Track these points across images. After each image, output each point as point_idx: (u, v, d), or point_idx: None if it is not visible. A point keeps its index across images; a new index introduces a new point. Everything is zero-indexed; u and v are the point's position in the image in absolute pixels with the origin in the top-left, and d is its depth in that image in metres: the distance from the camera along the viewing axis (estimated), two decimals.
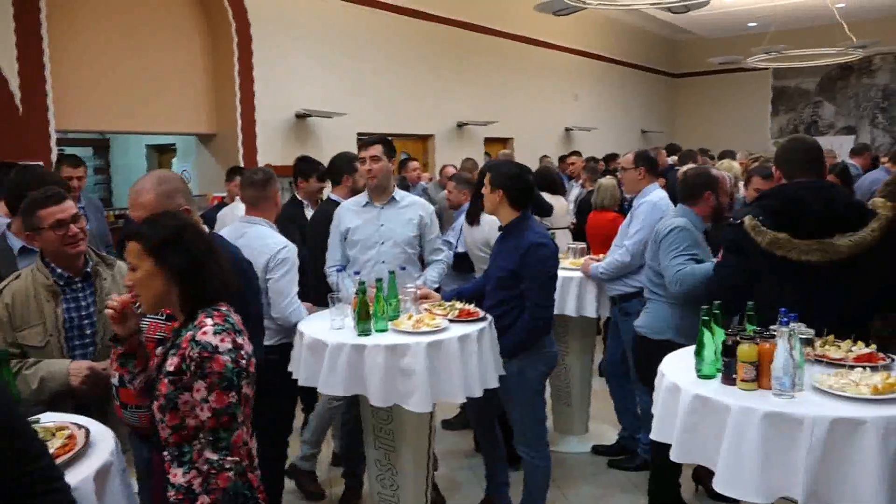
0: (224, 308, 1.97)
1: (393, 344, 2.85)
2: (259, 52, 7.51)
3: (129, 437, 2.54)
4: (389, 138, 3.86)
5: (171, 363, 1.88)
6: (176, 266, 1.92)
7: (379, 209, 3.74)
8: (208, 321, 1.88)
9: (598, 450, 4.44)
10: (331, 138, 8.30)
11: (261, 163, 7.23)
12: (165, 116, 7.11)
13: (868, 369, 2.26)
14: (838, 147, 11.07)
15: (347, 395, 2.98)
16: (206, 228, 2.53)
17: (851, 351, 2.42)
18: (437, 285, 3.71)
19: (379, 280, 3.06)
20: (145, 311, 2.10)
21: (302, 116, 8.00)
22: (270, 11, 7.66)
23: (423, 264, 3.88)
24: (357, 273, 3.40)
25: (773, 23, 13.47)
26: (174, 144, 9.19)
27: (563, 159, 10.74)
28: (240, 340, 1.90)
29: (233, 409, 1.82)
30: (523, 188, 3.30)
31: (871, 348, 2.43)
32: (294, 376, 3.12)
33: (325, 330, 3.04)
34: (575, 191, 7.97)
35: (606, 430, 4.68)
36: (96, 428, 2.11)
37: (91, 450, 1.99)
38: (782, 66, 14.91)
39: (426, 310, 3.19)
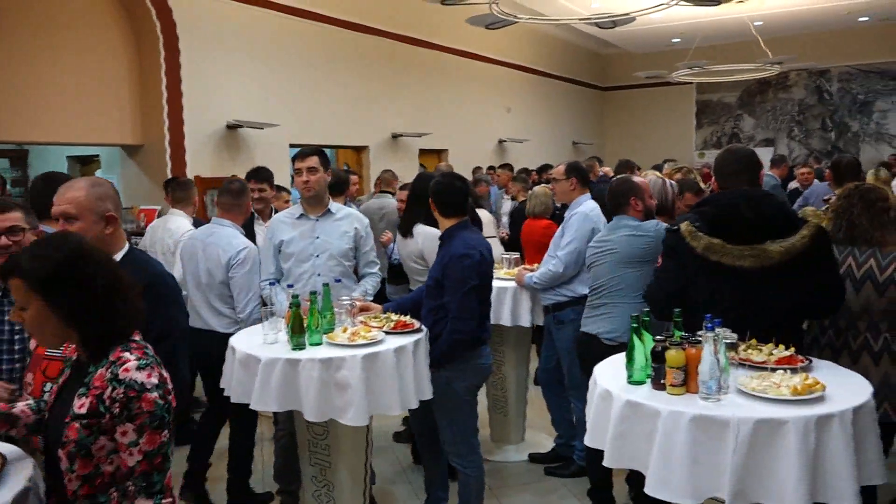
0: (139, 338, 1.80)
1: (328, 357, 2.82)
2: (188, 61, 7.35)
3: None
4: (324, 150, 3.84)
5: (80, 405, 1.69)
6: (68, 306, 1.69)
7: (314, 221, 3.70)
8: (128, 356, 1.71)
9: (534, 458, 4.48)
10: (263, 149, 8.18)
11: (190, 174, 7.06)
12: (88, 127, 6.86)
13: (788, 371, 2.36)
14: None
15: (282, 410, 2.92)
16: (126, 246, 2.44)
17: (773, 354, 2.51)
18: (371, 297, 3.69)
19: (313, 293, 3.02)
20: (45, 348, 1.99)
21: (233, 127, 7.85)
22: (199, 20, 7.51)
23: (358, 277, 3.86)
24: (291, 286, 3.35)
25: (696, 39, 14.01)
26: (97, 156, 8.89)
27: (491, 170, 10.94)
28: (164, 374, 1.75)
29: (165, 449, 1.70)
30: (450, 197, 3.28)
31: (791, 351, 2.53)
32: (226, 393, 3.04)
33: (257, 345, 2.98)
34: (508, 202, 8.07)
35: (542, 438, 4.73)
36: (13, 453, 2.01)
37: (7, 476, 1.89)
38: (705, 81, 15.48)
39: (362, 322, 3.16)
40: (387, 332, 3.06)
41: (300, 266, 3.65)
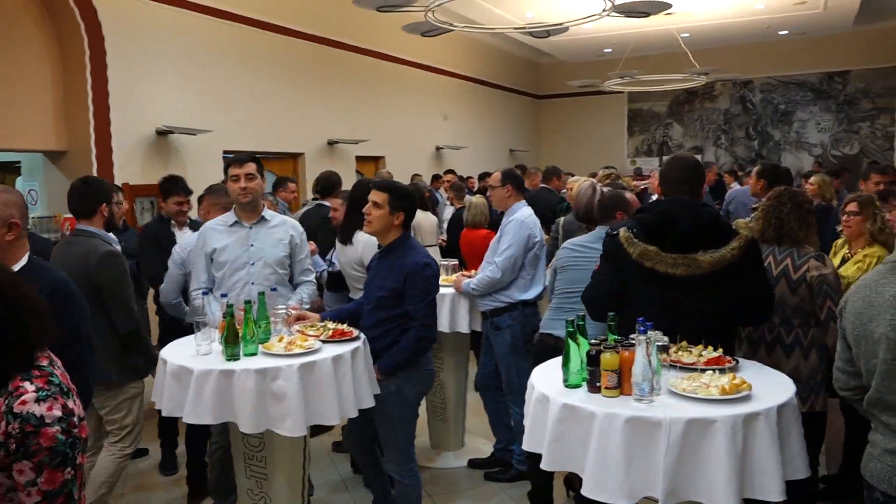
0: (45, 363, 1.63)
1: (263, 367, 2.77)
2: (115, 64, 7.11)
3: None
4: (258, 156, 3.78)
5: None
6: None
7: (248, 229, 3.63)
8: (28, 386, 1.54)
9: (474, 463, 4.50)
10: (195, 156, 7.98)
11: (118, 181, 6.82)
12: (6, 131, 6.56)
13: (717, 372, 2.44)
14: None
15: (216, 423, 2.85)
16: (27, 255, 2.37)
17: (702, 355, 2.60)
18: (308, 305, 3.65)
19: (248, 302, 2.96)
20: None
21: (163, 133, 7.63)
22: (128, 22, 7.29)
23: (293, 285, 3.80)
24: (224, 296, 3.28)
25: (627, 49, 14.38)
26: (18, 162, 8.50)
27: (437, 178, 10.97)
28: (70, 404, 1.58)
29: (69, 487, 1.55)
30: (415, 210, 3.37)
31: (720, 352, 2.62)
32: (157, 406, 2.96)
33: (189, 356, 2.90)
34: (449, 209, 8.11)
35: (482, 444, 4.75)
36: None
37: None
38: (636, 90, 15.91)
39: (298, 331, 3.12)
40: (324, 341, 3.03)
41: (234, 274, 3.57)
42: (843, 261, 3.89)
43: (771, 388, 2.42)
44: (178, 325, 4.01)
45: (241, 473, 3.09)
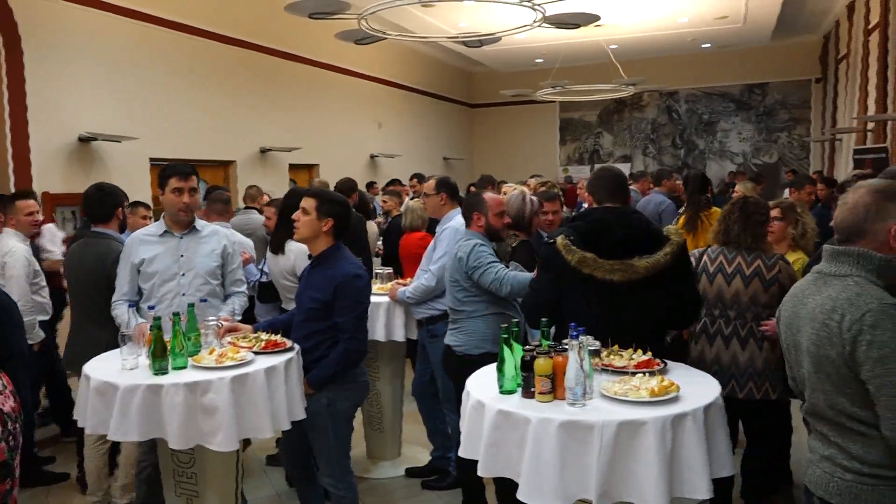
0: None
1: (193, 381, 2.69)
2: (33, 69, 6.82)
3: None
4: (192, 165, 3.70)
5: None
6: None
7: (178, 239, 3.54)
8: None
9: (411, 472, 4.48)
10: (120, 164, 7.73)
11: (37, 190, 6.54)
12: None
13: (646, 374, 2.50)
14: None
15: (143, 440, 2.76)
16: None
17: (632, 359, 2.66)
18: (240, 317, 3.57)
19: (176, 314, 2.88)
20: None
21: (85, 140, 7.36)
22: (47, 25, 7.01)
23: (225, 296, 3.72)
24: (152, 308, 3.17)
25: (558, 60, 14.67)
26: None
27: (372, 185, 10.93)
28: (5, 408, 1.54)
29: (5, 499, 1.53)
30: (348, 219, 3.30)
31: (649, 355, 2.69)
32: (80, 424, 2.84)
33: (115, 371, 2.80)
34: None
35: (419, 452, 4.74)
36: None
37: None
38: (567, 100, 16.23)
39: (230, 343, 3.05)
40: (256, 353, 2.97)
41: (164, 285, 3.48)
42: None
43: (698, 388, 2.49)
44: None
45: (171, 491, 3.00)
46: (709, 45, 15.66)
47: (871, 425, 1.84)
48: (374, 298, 4.25)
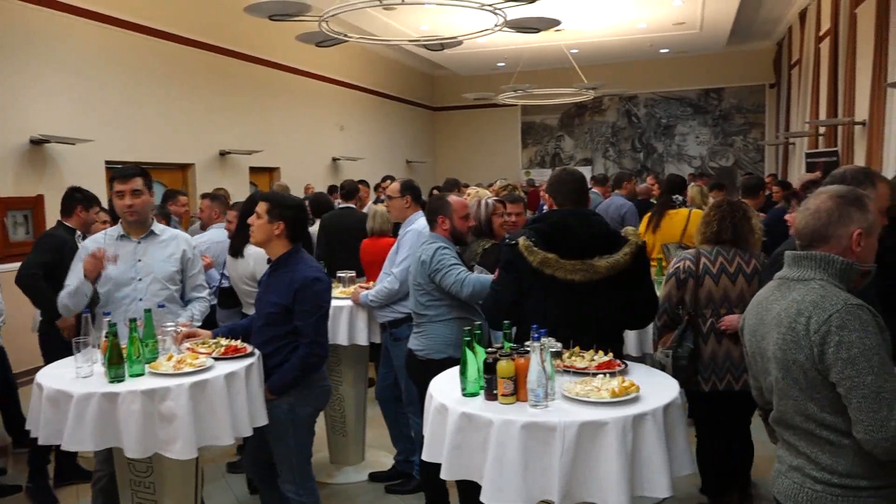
0: None
1: (151, 388, 2.64)
2: None
3: None
4: (145, 168, 3.62)
5: None
6: None
7: (136, 243, 3.47)
8: None
9: (374, 477, 4.46)
10: (74, 167, 7.56)
11: None
12: None
13: (607, 375, 2.53)
14: None
15: (98, 449, 2.69)
16: None
17: (593, 360, 2.68)
18: (199, 322, 3.51)
19: (132, 320, 2.82)
20: None
21: (38, 142, 7.18)
22: None
23: (185, 302, 3.66)
24: (107, 314, 3.10)
25: (520, 64, 14.78)
26: None
27: (335, 189, 10.86)
28: None
29: None
30: (303, 221, 3.27)
31: (610, 356, 2.72)
32: (33, 434, 2.76)
33: (69, 379, 2.73)
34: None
35: (383, 457, 4.71)
36: None
37: None
38: (528, 104, 16.36)
39: (188, 349, 3.00)
40: (216, 358, 2.92)
41: (120, 290, 3.40)
42: None
43: (657, 389, 2.53)
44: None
45: (128, 501, 2.93)
46: (667, 50, 15.94)
47: (840, 432, 1.83)
48: (336, 302, 4.23)
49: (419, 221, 4.24)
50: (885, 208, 2.04)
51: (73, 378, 2.75)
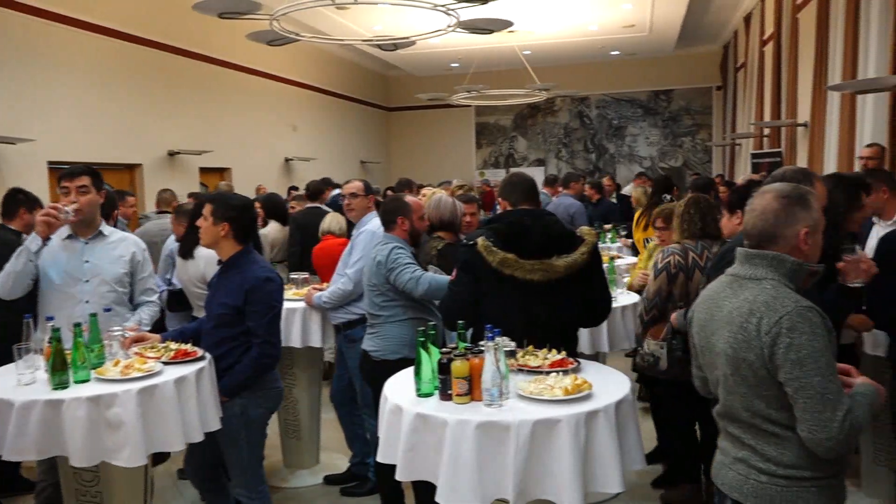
0: None
1: (97, 395, 2.57)
2: None
3: None
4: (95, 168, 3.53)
5: None
6: None
7: (83, 244, 3.38)
8: None
9: (329, 480, 4.42)
10: (15, 166, 7.31)
11: None
12: None
13: (560, 373, 2.55)
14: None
15: (42, 458, 2.61)
16: None
17: (547, 358, 2.71)
18: (148, 327, 3.44)
19: (77, 324, 2.74)
20: None
21: None
22: None
23: (133, 305, 3.58)
24: (50, 318, 3.01)
25: (473, 64, 14.84)
26: None
27: (294, 188, 10.80)
28: None
29: None
30: (250, 221, 3.22)
31: (563, 354, 2.75)
32: None
33: (10, 387, 2.64)
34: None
35: (338, 459, 4.68)
36: None
37: None
38: (482, 104, 16.44)
39: (136, 353, 2.93)
40: (165, 363, 2.86)
41: (65, 292, 3.31)
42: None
43: (609, 385, 2.56)
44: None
45: None
46: (617, 52, 16.20)
47: (785, 427, 1.87)
48: (290, 304, 4.19)
49: (373, 222, 4.22)
50: (822, 207, 2.11)
51: (14, 386, 2.66)
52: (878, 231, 3.71)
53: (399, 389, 2.61)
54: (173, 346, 3.01)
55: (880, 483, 3.66)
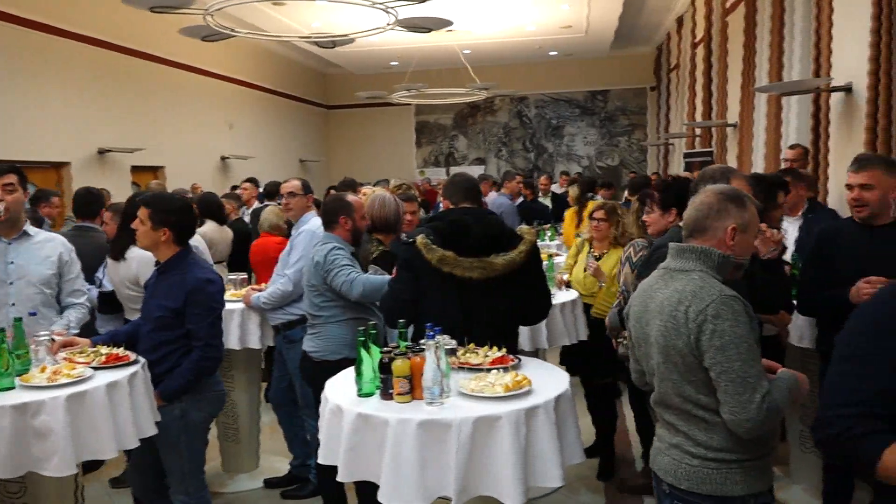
0: None
1: (22, 403, 2.47)
2: None
3: None
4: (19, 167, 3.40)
5: None
6: None
7: (6, 244, 3.27)
8: None
9: (270, 483, 4.36)
10: None
11: None
12: None
13: (501, 370, 2.57)
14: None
15: None
16: None
17: (487, 356, 2.73)
18: (76, 330, 3.32)
19: (0, 330, 2.62)
20: None
21: None
22: None
23: (61, 308, 3.45)
24: None
25: (413, 63, 14.82)
26: None
27: (235, 187, 10.54)
28: None
29: None
30: (190, 224, 3.16)
31: (504, 352, 2.77)
32: None
33: None
34: (245, 218, 7.77)
35: (278, 462, 4.61)
36: None
37: None
38: (422, 103, 16.45)
39: (65, 359, 2.83)
40: (96, 368, 2.77)
41: None
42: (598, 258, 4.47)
43: (549, 381, 2.60)
44: None
45: None
46: (555, 52, 16.43)
47: (713, 411, 1.97)
48: (228, 305, 4.10)
49: (312, 221, 4.18)
50: None
51: None
52: (785, 224, 4.03)
53: (340, 390, 2.60)
54: (104, 350, 2.92)
55: (808, 469, 3.81)
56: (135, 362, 2.88)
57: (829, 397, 1.61)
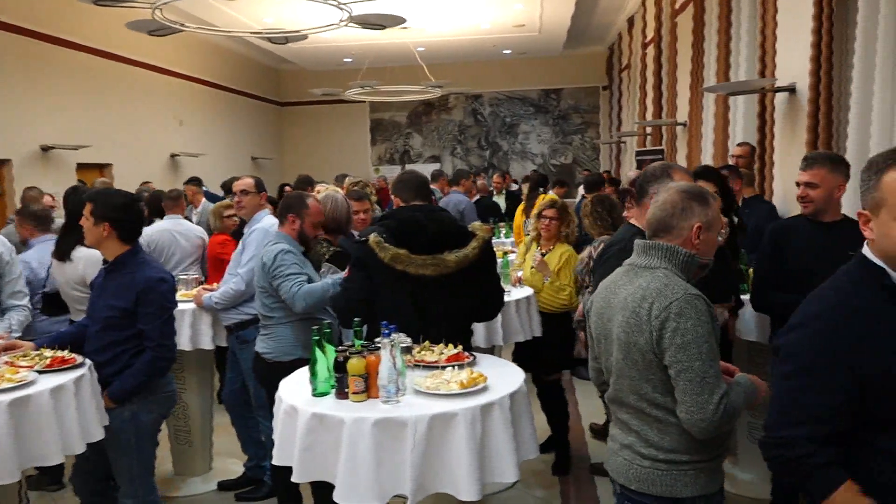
0: None
1: None
2: None
3: None
4: None
5: None
6: None
7: None
8: None
9: (223, 486, 4.29)
10: None
11: None
12: None
13: (457, 368, 2.58)
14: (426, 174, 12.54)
15: None
16: None
17: (443, 353, 2.73)
18: (18, 333, 3.21)
19: None
20: None
21: None
22: None
23: (2, 310, 3.33)
24: None
25: (367, 60, 14.73)
26: None
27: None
28: None
29: None
30: (135, 220, 3.07)
31: (459, 349, 2.78)
32: None
33: None
34: (193, 218, 7.62)
35: (232, 464, 4.54)
36: None
37: None
38: (376, 100, 16.37)
39: (6, 363, 2.73)
40: (39, 372, 2.69)
41: None
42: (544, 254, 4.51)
43: (504, 378, 2.61)
44: None
45: None
46: (509, 51, 16.52)
47: (668, 411, 1.97)
48: (178, 305, 4.02)
49: (266, 220, 4.12)
50: None
51: None
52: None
53: (294, 390, 2.57)
54: (48, 353, 2.84)
55: (756, 459, 3.90)
56: (80, 365, 2.80)
57: (783, 414, 1.60)
